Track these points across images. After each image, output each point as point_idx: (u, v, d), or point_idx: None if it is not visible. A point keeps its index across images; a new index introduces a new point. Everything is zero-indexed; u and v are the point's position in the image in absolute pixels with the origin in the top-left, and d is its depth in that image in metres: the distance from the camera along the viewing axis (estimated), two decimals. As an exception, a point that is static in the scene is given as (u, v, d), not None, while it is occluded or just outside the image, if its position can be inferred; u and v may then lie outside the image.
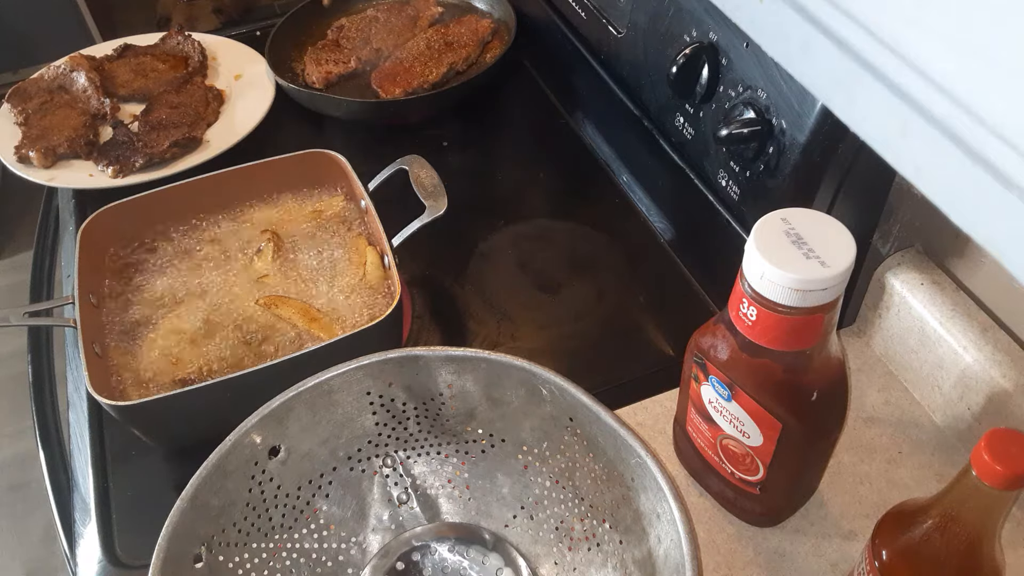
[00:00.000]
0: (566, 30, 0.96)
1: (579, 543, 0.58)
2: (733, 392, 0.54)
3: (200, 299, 0.75)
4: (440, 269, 0.85)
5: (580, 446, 0.57)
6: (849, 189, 0.62)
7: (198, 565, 0.52)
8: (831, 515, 0.63)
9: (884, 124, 0.26)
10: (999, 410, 0.61)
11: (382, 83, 1.02)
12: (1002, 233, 0.23)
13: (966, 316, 0.64)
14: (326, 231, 0.80)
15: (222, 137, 0.97)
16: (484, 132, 1.03)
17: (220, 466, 0.53)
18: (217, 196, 0.82)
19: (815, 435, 0.55)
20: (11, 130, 0.98)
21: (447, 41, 1.06)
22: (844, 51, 0.26)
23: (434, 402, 0.60)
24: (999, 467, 0.41)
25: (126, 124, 0.99)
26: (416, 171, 0.78)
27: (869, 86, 0.25)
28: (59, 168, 0.95)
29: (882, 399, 0.69)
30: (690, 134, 0.74)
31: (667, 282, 0.83)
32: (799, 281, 0.45)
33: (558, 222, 0.91)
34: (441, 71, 1.02)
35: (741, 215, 0.71)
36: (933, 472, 0.64)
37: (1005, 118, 0.21)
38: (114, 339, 0.72)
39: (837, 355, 0.53)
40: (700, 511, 0.64)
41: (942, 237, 0.67)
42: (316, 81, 1.04)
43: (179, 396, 0.63)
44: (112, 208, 0.78)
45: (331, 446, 0.60)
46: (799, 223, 0.47)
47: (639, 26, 0.79)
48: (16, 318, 0.72)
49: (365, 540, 0.61)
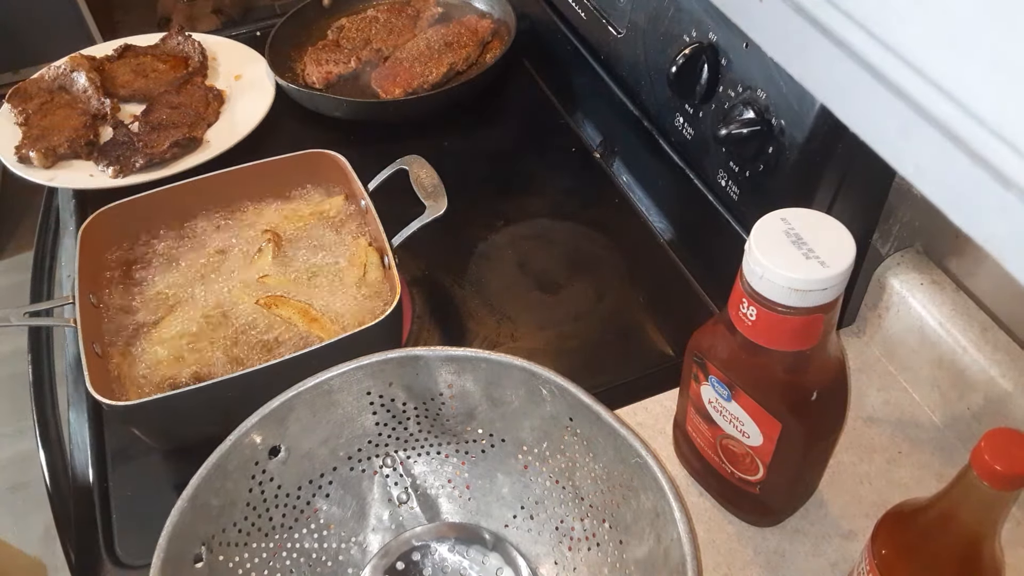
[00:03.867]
0: (566, 30, 0.96)
1: (579, 543, 0.58)
2: (733, 392, 0.54)
3: (200, 299, 0.75)
4: (440, 269, 0.85)
5: (580, 446, 0.57)
6: (849, 189, 0.62)
7: (198, 565, 0.52)
8: (831, 515, 0.63)
9: (884, 124, 0.26)
10: (999, 410, 0.61)
11: (382, 83, 1.02)
12: (1002, 233, 0.23)
13: (966, 316, 0.64)
14: (326, 231, 0.80)
15: (222, 137, 0.97)
16: (484, 132, 1.03)
17: (220, 466, 0.53)
18: (217, 196, 0.82)
19: (815, 435, 0.55)
20: (11, 130, 0.98)
21: (447, 41, 1.06)
22: (844, 51, 0.26)
23: (434, 402, 0.60)
24: (999, 467, 0.41)
25: (126, 124, 0.99)
26: (416, 171, 0.78)
27: (869, 86, 0.25)
28: (59, 168, 0.95)
29: (882, 399, 0.69)
30: (690, 134, 0.74)
31: (667, 282, 0.83)
32: (799, 281, 0.45)
33: (558, 222, 0.91)
34: (441, 71, 1.02)
35: (741, 215, 0.71)
36: (933, 472, 0.64)
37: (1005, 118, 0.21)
38: (114, 339, 0.72)
39: (837, 355, 0.53)
40: (700, 511, 0.64)
41: (942, 237, 0.67)
42: (316, 81, 1.04)
43: (179, 396, 0.63)
44: (112, 208, 0.78)
45: (331, 446, 0.60)
46: (799, 223, 0.47)
47: (639, 26, 0.79)
48: (16, 318, 0.72)
49: (365, 540, 0.61)
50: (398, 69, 1.03)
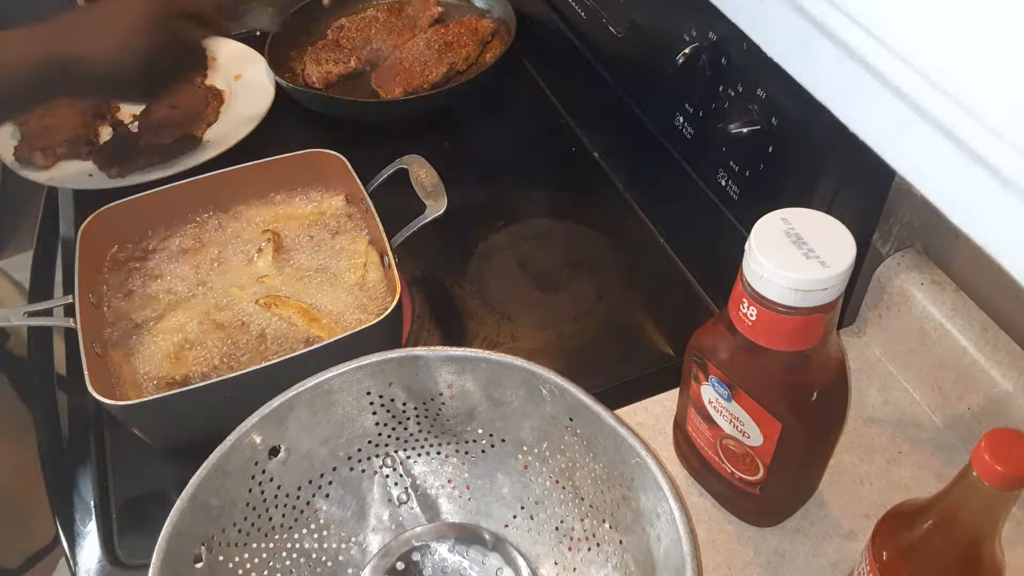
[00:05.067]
0: (566, 30, 0.96)
1: (579, 543, 0.58)
2: (733, 392, 0.54)
3: (200, 299, 0.75)
4: (440, 269, 0.85)
5: (580, 446, 0.57)
6: (849, 189, 0.62)
7: (198, 565, 0.51)
8: (831, 515, 0.63)
9: (884, 124, 0.26)
10: (999, 410, 0.61)
11: (382, 83, 1.02)
12: (1001, 233, 0.23)
13: (966, 316, 0.64)
14: (326, 231, 0.80)
15: (222, 137, 0.97)
16: (484, 132, 1.03)
17: (220, 466, 0.53)
18: (217, 196, 0.82)
19: (815, 435, 0.55)
20: (11, 130, 0.98)
21: (447, 41, 1.06)
22: (843, 51, 0.26)
23: (434, 402, 0.60)
24: (999, 467, 0.41)
25: (126, 124, 0.99)
26: (416, 171, 0.78)
27: (868, 86, 0.25)
28: (59, 168, 0.95)
29: (882, 399, 0.69)
30: (690, 134, 0.74)
31: (667, 282, 0.83)
32: (799, 281, 0.45)
33: (558, 222, 0.91)
34: (441, 71, 1.02)
35: (741, 215, 0.71)
36: (933, 472, 0.64)
37: (1005, 118, 0.21)
38: (114, 339, 0.72)
39: (837, 355, 0.53)
40: (700, 511, 0.64)
41: (942, 237, 0.67)
42: (316, 81, 1.04)
43: (179, 396, 0.63)
44: (112, 208, 0.78)
45: (331, 446, 0.60)
46: (799, 223, 0.47)
47: (639, 26, 0.79)
48: (16, 318, 0.72)
49: (365, 540, 0.61)
50: (398, 69, 1.03)
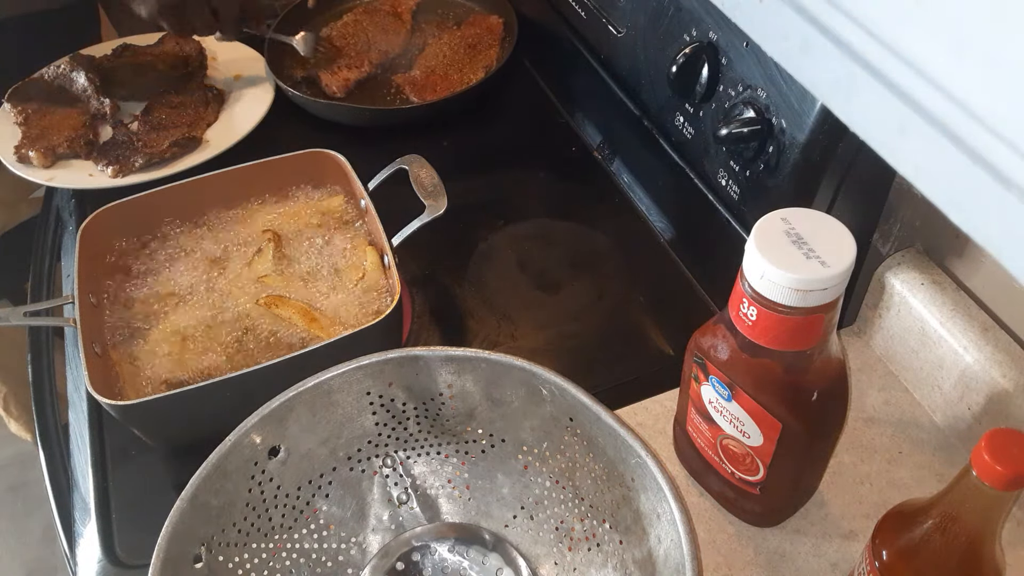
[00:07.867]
0: (566, 30, 0.96)
1: (579, 543, 0.58)
2: (733, 392, 0.54)
3: (200, 299, 0.75)
4: (440, 269, 0.85)
5: (580, 446, 0.57)
6: (849, 189, 0.62)
7: (198, 565, 0.52)
8: (831, 515, 0.63)
9: (884, 124, 0.26)
10: (999, 410, 0.61)
11: (421, 94, 1.01)
12: (1002, 233, 0.23)
13: (966, 316, 0.64)
14: (326, 231, 0.80)
15: (222, 137, 0.97)
16: (484, 132, 1.03)
17: (220, 466, 0.53)
18: (217, 196, 0.82)
19: (815, 435, 0.55)
20: (11, 130, 0.98)
21: (469, 43, 1.06)
22: (844, 51, 0.26)
23: (434, 402, 0.60)
24: (999, 467, 0.41)
25: (126, 124, 0.99)
26: (416, 171, 0.78)
27: (868, 86, 0.25)
28: (59, 168, 0.95)
29: (882, 399, 0.69)
30: (690, 134, 0.74)
31: (667, 282, 0.83)
32: (799, 281, 0.45)
33: (558, 222, 0.91)
34: (479, 75, 1.03)
35: (741, 215, 0.71)
36: (933, 472, 0.64)
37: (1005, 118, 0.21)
38: (114, 339, 0.72)
39: (837, 355, 0.53)
40: (700, 511, 0.64)
41: (942, 237, 0.67)
42: (336, 91, 1.03)
43: (179, 396, 0.63)
44: (112, 208, 0.78)
45: (331, 446, 0.60)
46: (799, 223, 0.47)
47: (639, 26, 0.79)
48: (16, 318, 0.72)
49: (365, 540, 0.61)
50: (434, 78, 1.03)
